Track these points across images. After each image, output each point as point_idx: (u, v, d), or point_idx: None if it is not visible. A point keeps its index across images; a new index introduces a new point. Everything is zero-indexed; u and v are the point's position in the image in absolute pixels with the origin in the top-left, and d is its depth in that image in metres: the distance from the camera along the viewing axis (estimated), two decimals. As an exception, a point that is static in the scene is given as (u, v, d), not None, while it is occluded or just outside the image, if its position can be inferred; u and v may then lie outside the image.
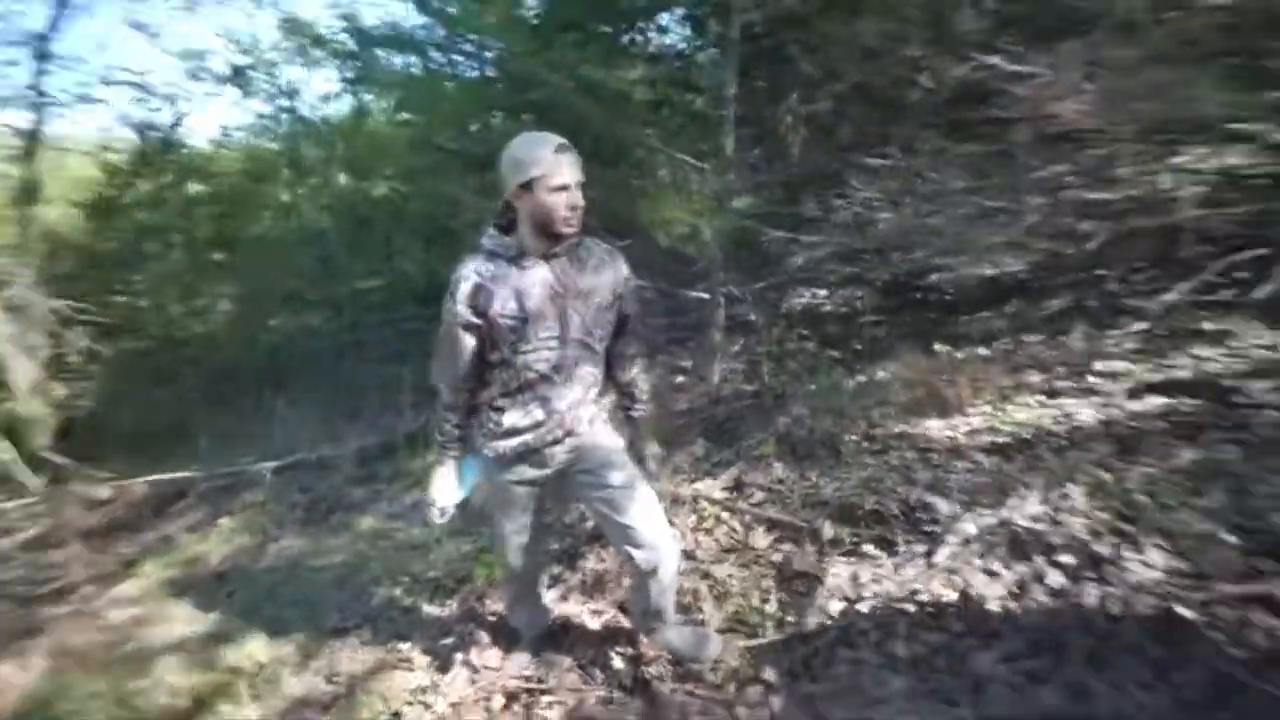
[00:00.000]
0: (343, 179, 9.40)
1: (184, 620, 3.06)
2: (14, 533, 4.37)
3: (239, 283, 9.98)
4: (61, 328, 6.88)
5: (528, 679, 2.05)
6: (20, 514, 4.64)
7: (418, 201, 6.62)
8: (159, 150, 9.46)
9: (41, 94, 7.33)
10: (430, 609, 2.64)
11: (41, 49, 7.22)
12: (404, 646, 2.42)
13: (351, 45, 6.68)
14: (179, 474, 4.61)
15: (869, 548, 2.26)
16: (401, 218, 7.62)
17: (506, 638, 2.24)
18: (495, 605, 2.46)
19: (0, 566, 3.94)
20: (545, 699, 1.96)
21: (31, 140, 7.42)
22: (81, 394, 7.33)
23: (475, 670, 2.14)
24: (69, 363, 6.99)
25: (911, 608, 1.94)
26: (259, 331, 8.84)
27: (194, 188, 10.51)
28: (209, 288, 10.76)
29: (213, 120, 19.21)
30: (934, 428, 3.05)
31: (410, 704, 2.10)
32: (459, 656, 2.22)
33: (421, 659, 2.31)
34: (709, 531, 2.62)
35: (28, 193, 7.41)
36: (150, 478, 4.55)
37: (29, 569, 3.84)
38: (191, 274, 10.42)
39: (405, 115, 6.19)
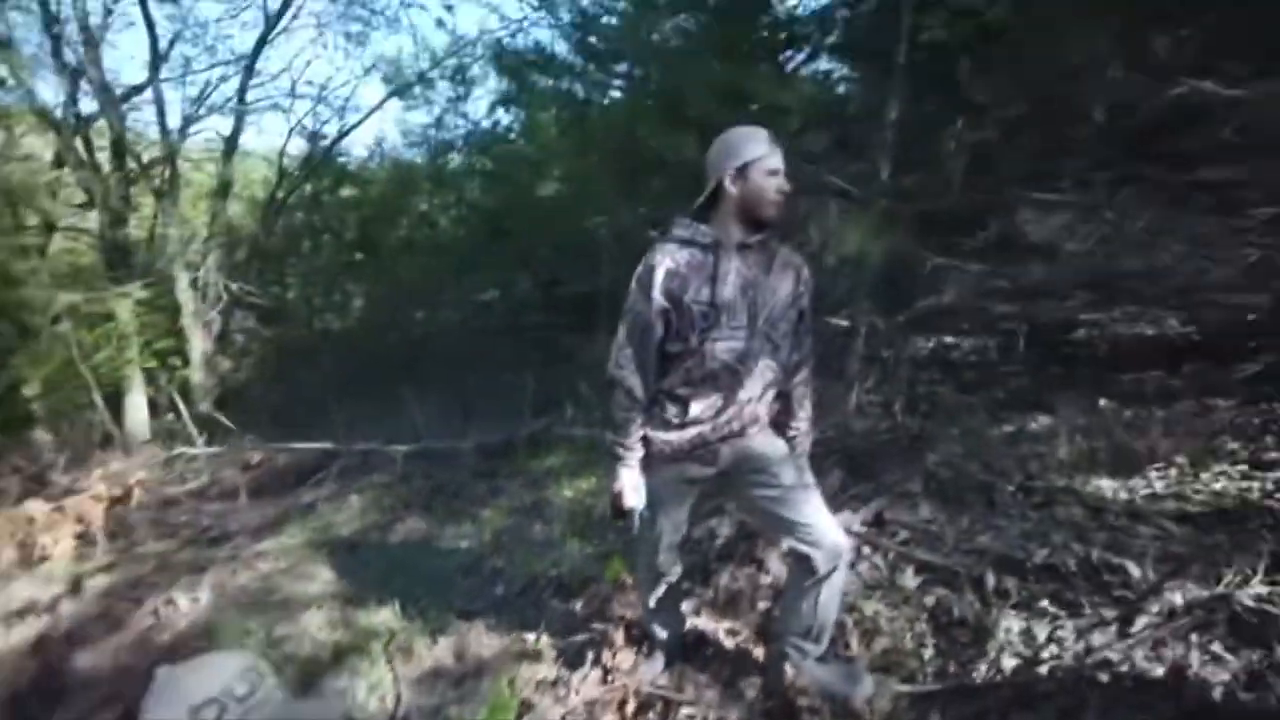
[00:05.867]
0: (479, 192, 9.99)
1: (323, 580, 3.26)
2: (184, 482, 4.89)
3: (376, 283, 10.82)
4: (232, 308, 7.73)
5: (664, 688, 1.98)
6: (185, 466, 5.19)
7: (553, 216, 6.93)
8: (323, 157, 10.50)
9: (243, 104, 8.38)
10: (555, 604, 2.64)
11: (249, 65, 8.27)
12: (530, 637, 2.43)
13: (505, 68, 7.16)
14: (321, 445, 4.98)
15: (1045, 604, 2.03)
16: (534, 232, 7.97)
17: (639, 642, 2.20)
18: (623, 609, 2.42)
19: (173, 510, 4.41)
20: (684, 711, 1.88)
21: (230, 144, 8.50)
22: (240, 368, 8.17)
23: (608, 671, 2.10)
24: (234, 339, 7.87)
25: (1105, 677, 1.71)
26: (392, 328, 9.51)
27: (346, 193, 11.63)
28: (350, 285, 11.78)
29: (371, 132, 21.29)
30: (1106, 487, 2.76)
31: (540, 694, 2.09)
32: (590, 655, 2.19)
33: (550, 652, 2.31)
34: (851, 565, 2.45)
35: (221, 190, 8.44)
36: (296, 445, 4.94)
37: (195, 515, 4.28)
38: (336, 271, 11.47)
39: (555, 132, 6.52)
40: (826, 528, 1.65)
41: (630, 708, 1.94)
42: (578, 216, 5.64)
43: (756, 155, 1.55)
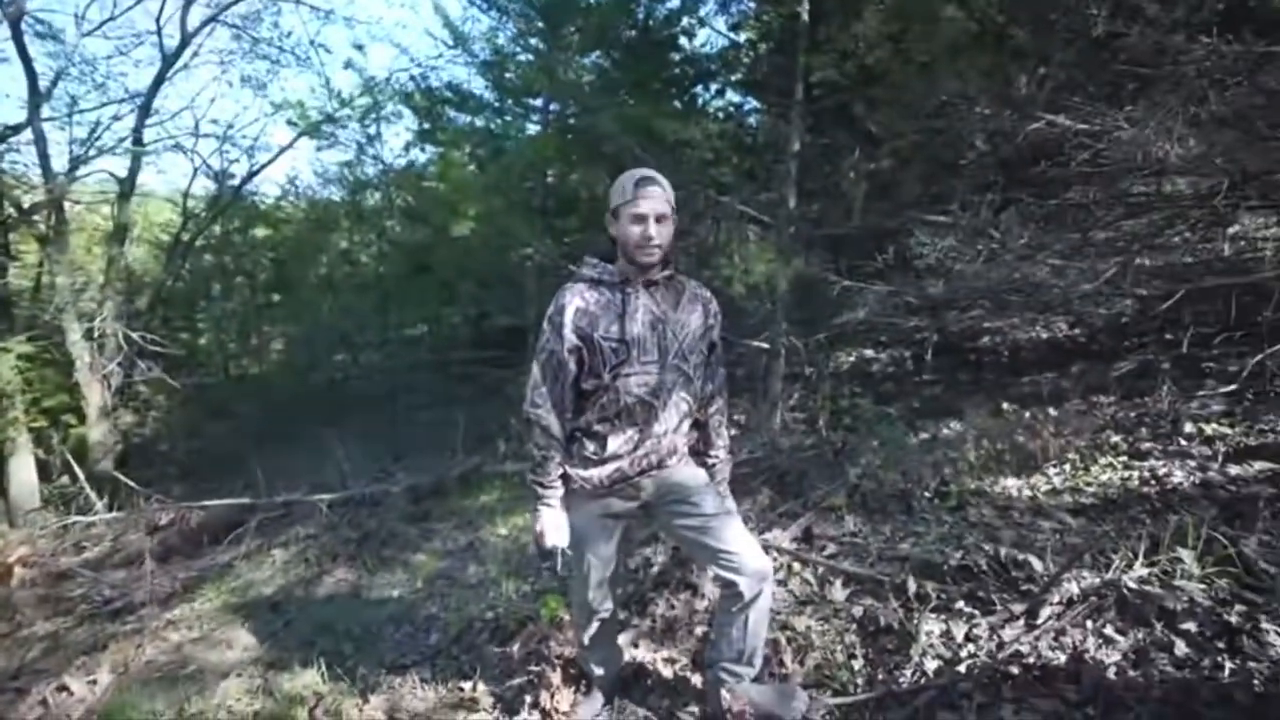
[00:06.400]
0: (399, 228, 9.77)
1: (241, 646, 3.05)
2: (80, 551, 4.48)
3: (294, 324, 10.39)
4: (134, 359, 7.20)
5: (603, 725, 1.96)
6: (83, 533, 4.76)
7: (476, 251, 6.86)
8: (232, 198, 10.04)
9: (139, 144, 7.92)
10: (492, 649, 2.57)
11: (145, 104, 7.85)
12: (466, 685, 2.35)
13: (418, 107, 7.13)
14: (237, 500, 4.68)
15: (961, 604, 2.14)
16: (458, 268, 7.84)
17: (577, 681, 2.17)
18: (561, 647, 2.39)
19: (67, 583, 4.02)
20: (623, 747, 1.87)
21: (127, 186, 8.00)
22: (145, 422, 7.60)
23: (546, 714, 2.06)
24: (137, 391, 7.32)
25: (1016, 670, 1.82)
26: (313, 369, 9.11)
27: (259, 233, 11.15)
28: (267, 328, 11.25)
29: (283, 170, 20.39)
30: (1011, 486, 2.96)
31: (478, 745, 2.03)
32: (528, 699, 2.15)
33: (487, 699, 2.24)
34: (782, 583, 2.52)
35: (118, 234, 7.92)
36: (209, 503, 4.63)
37: (94, 586, 3.92)
38: (251, 314, 10.94)
39: (473, 168, 6.49)
40: (749, 554, 1.69)
41: (570, 750, 1.91)
42: (500, 251, 5.62)
43: (623, 200, 1.57)
